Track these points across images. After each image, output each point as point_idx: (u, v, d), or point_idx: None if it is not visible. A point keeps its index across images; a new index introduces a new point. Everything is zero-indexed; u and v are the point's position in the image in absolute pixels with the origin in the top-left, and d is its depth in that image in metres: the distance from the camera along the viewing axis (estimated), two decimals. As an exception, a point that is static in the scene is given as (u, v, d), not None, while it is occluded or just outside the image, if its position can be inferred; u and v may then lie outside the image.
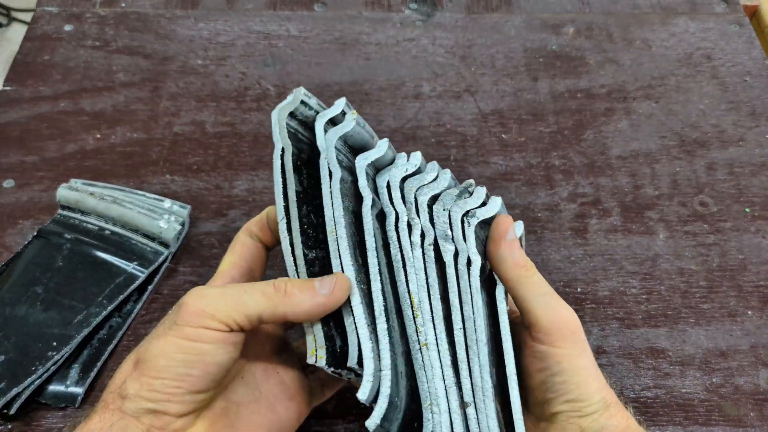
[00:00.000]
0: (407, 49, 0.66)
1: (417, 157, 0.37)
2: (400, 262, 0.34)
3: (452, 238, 0.35)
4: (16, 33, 1.58)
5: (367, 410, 0.30)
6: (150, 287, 0.48)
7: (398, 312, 0.34)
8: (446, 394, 0.33)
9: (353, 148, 0.37)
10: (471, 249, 0.35)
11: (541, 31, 0.68)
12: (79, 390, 0.43)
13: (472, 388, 0.33)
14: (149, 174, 0.55)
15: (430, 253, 0.34)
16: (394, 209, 0.35)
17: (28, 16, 1.56)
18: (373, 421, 0.30)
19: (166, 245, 0.49)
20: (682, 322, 0.48)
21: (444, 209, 0.36)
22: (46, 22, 0.66)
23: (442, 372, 0.33)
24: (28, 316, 0.44)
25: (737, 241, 0.53)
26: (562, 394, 0.33)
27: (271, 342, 0.37)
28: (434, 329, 0.34)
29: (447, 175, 0.38)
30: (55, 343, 0.43)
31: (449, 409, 0.33)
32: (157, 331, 0.31)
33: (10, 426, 0.42)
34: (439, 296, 0.34)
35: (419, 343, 0.33)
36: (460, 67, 0.64)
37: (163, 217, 0.49)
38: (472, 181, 0.38)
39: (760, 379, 0.46)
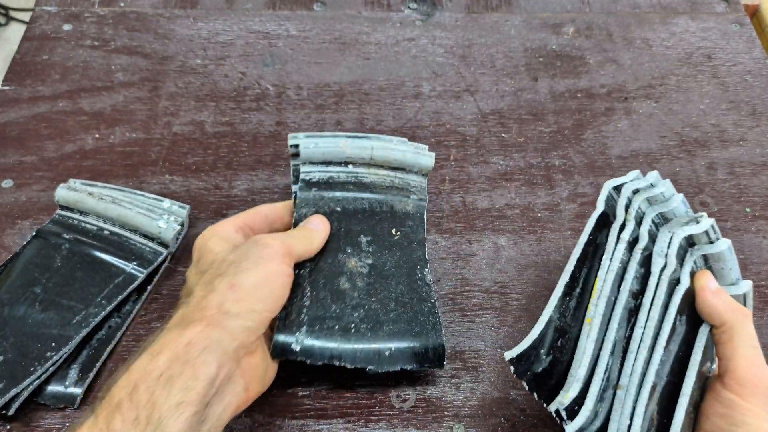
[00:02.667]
0: (407, 49, 0.65)
1: (653, 175, 0.43)
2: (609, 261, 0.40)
3: (665, 254, 0.39)
4: (15, 32, 1.58)
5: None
6: (149, 287, 0.48)
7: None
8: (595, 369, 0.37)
9: None
10: (684, 272, 0.39)
11: (541, 31, 0.68)
12: (78, 390, 0.43)
13: (631, 375, 0.37)
14: (148, 174, 0.55)
15: (637, 256, 0.39)
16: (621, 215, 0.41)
17: (26, 16, 1.56)
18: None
19: (165, 245, 0.49)
20: (683, 322, 0.48)
21: (669, 231, 0.40)
22: (45, 21, 0.66)
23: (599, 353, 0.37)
24: (26, 316, 0.44)
25: (738, 241, 0.53)
26: None
27: None
28: (606, 309, 0.38)
29: (678, 198, 0.41)
30: (53, 344, 0.43)
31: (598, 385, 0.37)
32: (243, 262, 0.37)
33: (8, 426, 0.42)
34: (629, 290, 0.39)
35: (585, 321, 0.38)
36: (460, 67, 0.64)
37: (163, 218, 0.49)
38: (704, 213, 0.41)
39: (760, 380, 0.46)
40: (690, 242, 0.40)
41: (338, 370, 0.41)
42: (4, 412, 0.41)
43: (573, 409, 0.36)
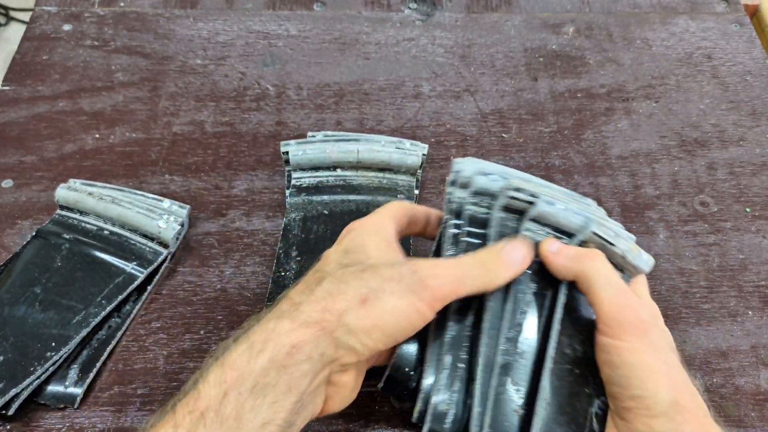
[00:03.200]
0: (407, 49, 0.65)
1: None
2: None
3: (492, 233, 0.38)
4: (15, 32, 1.58)
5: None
6: (149, 287, 0.48)
7: None
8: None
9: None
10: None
11: (541, 31, 0.68)
12: (78, 390, 0.43)
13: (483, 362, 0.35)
14: (148, 174, 0.55)
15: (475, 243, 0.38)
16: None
17: (26, 16, 1.56)
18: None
19: (165, 245, 0.49)
20: (683, 322, 0.48)
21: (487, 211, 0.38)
22: (45, 21, 0.66)
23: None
24: (26, 316, 0.44)
25: (738, 241, 0.53)
26: (627, 389, 0.33)
27: None
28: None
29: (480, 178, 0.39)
30: (53, 344, 0.43)
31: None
32: (390, 282, 0.32)
33: (8, 426, 0.42)
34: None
35: None
36: (460, 67, 0.64)
37: (162, 217, 0.49)
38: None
39: (760, 380, 0.46)
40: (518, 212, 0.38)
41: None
42: (4, 412, 0.41)
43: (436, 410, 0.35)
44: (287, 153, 0.51)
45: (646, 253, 0.38)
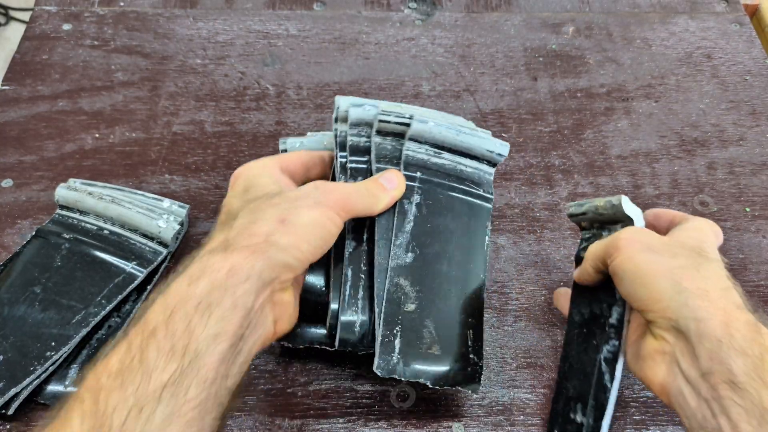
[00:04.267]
0: (407, 49, 0.65)
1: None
2: None
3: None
4: (15, 32, 1.58)
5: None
6: (149, 287, 0.48)
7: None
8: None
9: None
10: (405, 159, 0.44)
11: (541, 31, 0.68)
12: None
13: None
14: (148, 174, 0.55)
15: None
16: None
17: (26, 15, 1.56)
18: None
19: (165, 245, 0.49)
20: (682, 321, 0.48)
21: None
22: (45, 21, 0.66)
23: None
24: (26, 316, 0.44)
25: (737, 241, 0.53)
26: (637, 298, 0.35)
27: None
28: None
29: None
30: (53, 343, 0.43)
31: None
32: (299, 200, 0.36)
33: (8, 426, 0.42)
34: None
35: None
36: (460, 67, 0.64)
37: (162, 217, 0.49)
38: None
39: (760, 379, 0.46)
40: (399, 135, 0.44)
41: (337, 364, 0.41)
42: (3, 411, 0.41)
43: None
44: (285, 150, 0.50)
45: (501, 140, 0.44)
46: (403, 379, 0.38)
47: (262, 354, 0.46)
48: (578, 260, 0.42)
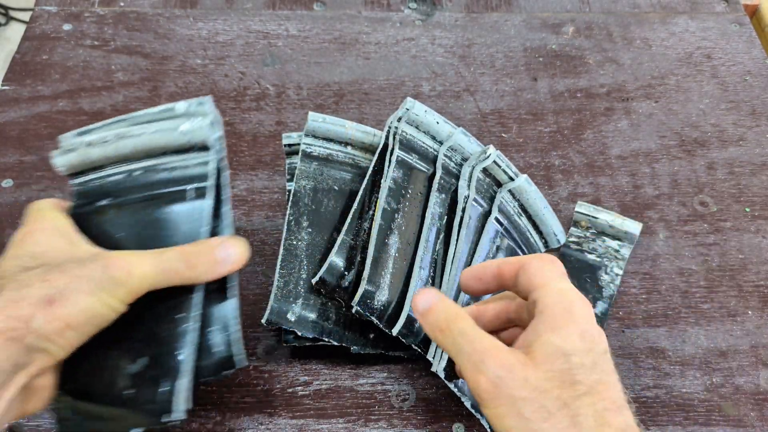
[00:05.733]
0: (407, 49, 0.65)
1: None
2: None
3: (468, 186, 0.48)
4: (15, 32, 1.58)
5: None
6: (223, 197, 0.40)
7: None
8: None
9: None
10: (494, 206, 0.49)
11: (541, 31, 0.68)
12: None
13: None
14: (148, 174, 0.55)
15: (436, 185, 0.49)
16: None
17: (26, 16, 1.56)
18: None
19: (206, 148, 0.39)
20: (682, 321, 0.48)
21: (469, 166, 0.50)
22: (45, 21, 0.66)
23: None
24: None
25: (737, 241, 0.53)
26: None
27: None
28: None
29: (462, 135, 0.51)
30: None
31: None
32: (78, 281, 0.31)
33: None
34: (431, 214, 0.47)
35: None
36: (460, 67, 0.64)
37: (184, 123, 0.39)
38: (490, 146, 0.49)
39: (760, 379, 0.46)
40: (497, 182, 0.50)
41: (337, 364, 0.41)
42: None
43: (366, 302, 0.42)
44: (290, 145, 0.51)
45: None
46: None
47: (261, 354, 0.46)
48: None
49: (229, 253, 0.35)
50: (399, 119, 0.49)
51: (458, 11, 0.69)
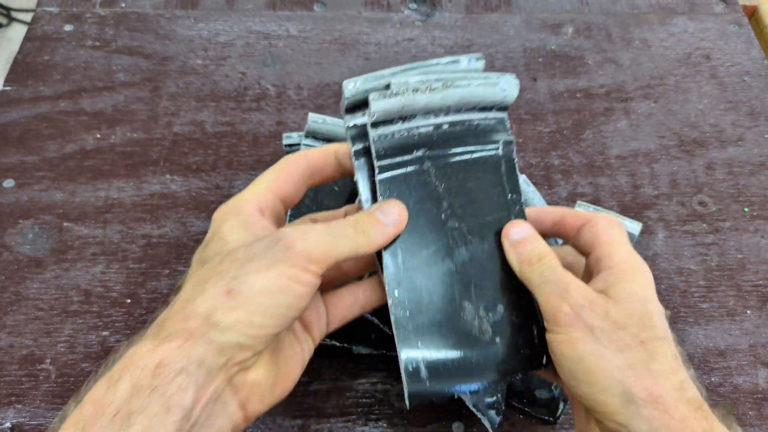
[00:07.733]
0: (406, 49, 0.66)
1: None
2: None
3: None
4: (17, 33, 1.59)
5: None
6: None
7: None
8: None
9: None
10: None
11: (541, 31, 0.68)
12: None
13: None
14: (149, 174, 0.55)
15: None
16: None
17: (28, 16, 1.57)
18: None
19: (504, 108, 0.38)
20: (681, 321, 0.48)
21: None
22: (46, 22, 0.66)
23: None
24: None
25: (736, 241, 0.53)
26: (573, 385, 0.31)
27: None
28: None
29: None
30: None
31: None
32: (251, 262, 0.29)
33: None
34: None
35: None
36: (460, 67, 0.64)
37: (500, 79, 0.37)
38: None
39: (758, 379, 0.46)
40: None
41: (337, 364, 0.41)
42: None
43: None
44: (290, 146, 0.51)
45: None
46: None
47: (262, 353, 0.46)
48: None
49: (390, 212, 0.33)
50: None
51: (458, 12, 0.69)
